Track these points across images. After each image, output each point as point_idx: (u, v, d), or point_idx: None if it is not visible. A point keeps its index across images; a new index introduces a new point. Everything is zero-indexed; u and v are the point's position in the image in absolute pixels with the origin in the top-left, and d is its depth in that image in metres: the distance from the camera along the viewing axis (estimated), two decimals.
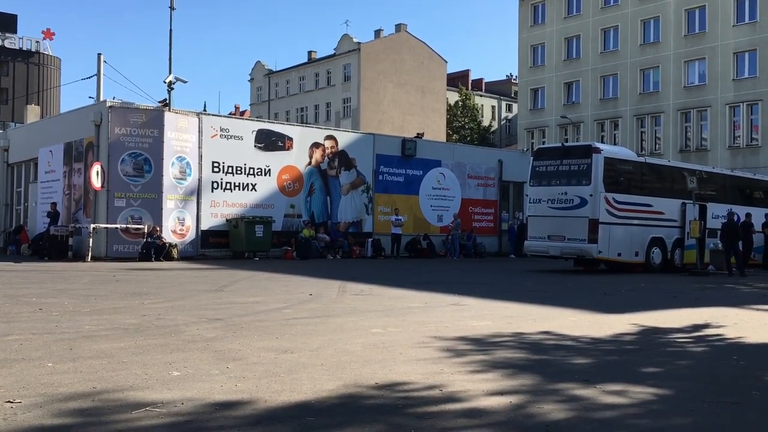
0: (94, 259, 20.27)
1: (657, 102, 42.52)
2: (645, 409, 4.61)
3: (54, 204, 22.82)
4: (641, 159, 21.67)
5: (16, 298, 10.32)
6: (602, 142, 41.05)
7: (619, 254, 19.08)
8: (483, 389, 4.93)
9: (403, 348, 6.54)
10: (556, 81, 47.86)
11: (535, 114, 49.51)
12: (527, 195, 21.44)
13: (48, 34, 65.12)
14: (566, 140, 43.76)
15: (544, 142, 45.38)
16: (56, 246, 21.32)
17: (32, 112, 35.15)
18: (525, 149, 38.71)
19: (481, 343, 6.95)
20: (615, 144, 40.87)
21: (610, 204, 18.77)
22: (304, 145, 24.98)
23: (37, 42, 65.11)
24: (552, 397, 4.80)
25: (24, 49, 64.63)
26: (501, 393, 4.84)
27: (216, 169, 22.76)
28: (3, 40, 63.23)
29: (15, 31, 65.39)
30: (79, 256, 20.76)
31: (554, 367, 5.86)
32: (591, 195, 18.51)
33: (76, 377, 5.02)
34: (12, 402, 4.29)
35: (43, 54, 65.67)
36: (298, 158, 24.74)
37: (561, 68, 47.58)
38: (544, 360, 6.21)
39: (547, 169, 19.70)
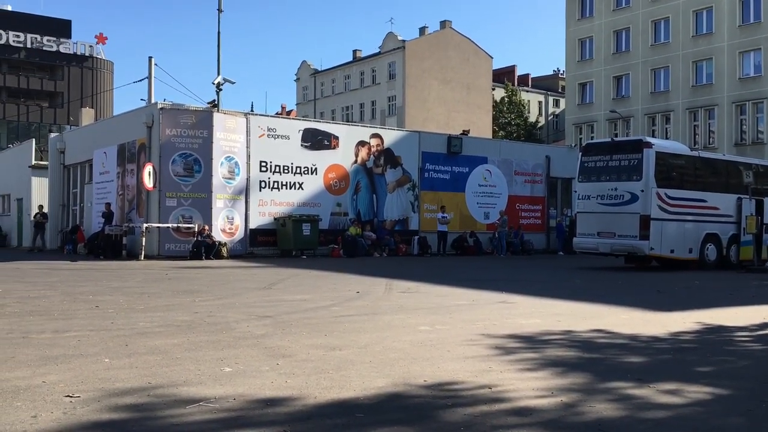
0: (147, 257, 20.75)
1: (710, 95, 41.38)
2: (700, 408, 4.49)
3: (108, 204, 23.43)
4: (694, 153, 21.11)
5: (74, 296, 10.64)
6: (653, 136, 40.21)
7: (672, 251, 18.64)
8: (533, 388, 4.88)
9: (451, 346, 6.51)
10: (605, 75, 47.01)
11: (583, 109, 48.71)
12: (576, 191, 21.12)
13: (101, 39, 66.88)
14: (616, 135, 43.00)
15: (592, 138, 44.60)
16: (111, 245, 21.90)
17: (87, 115, 36.17)
18: (573, 145, 38.12)
19: (531, 341, 6.88)
20: (666, 138, 39.94)
21: (662, 200, 18.35)
22: (350, 144, 25.09)
23: (91, 47, 66.91)
24: (604, 396, 4.72)
25: (78, 53, 66.49)
26: (551, 392, 4.78)
27: (264, 169, 23.05)
28: (58, 46, 65.18)
29: (69, 37, 67.34)
30: (132, 255, 21.29)
31: (606, 366, 5.76)
32: (642, 191, 18.13)
33: (132, 373, 5.15)
34: (71, 396, 4.42)
35: (97, 58, 67.45)
36: (344, 157, 24.88)
37: (610, 62, 46.71)
38: (595, 358, 6.11)
39: (596, 164, 19.37)
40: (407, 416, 4.16)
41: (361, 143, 25.38)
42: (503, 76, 71.78)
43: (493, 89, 67.94)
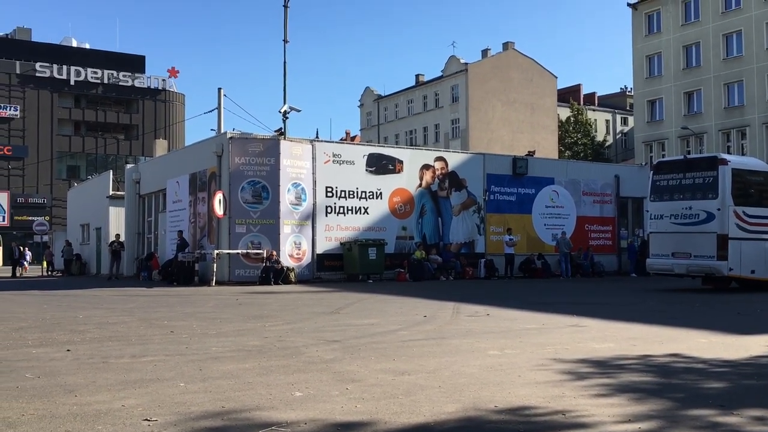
0: (218, 283, 21.22)
1: None
2: None
3: (180, 232, 24.14)
4: None
5: (150, 321, 10.97)
6: (728, 152, 38.79)
7: (753, 271, 17.83)
8: (609, 414, 4.73)
9: (522, 370, 6.39)
10: (674, 91, 45.82)
11: (653, 126, 47.53)
12: (648, 211, 20.52)
13: (173, 73, 69.52)
14: (688, 152, 41.74)
15: (663, 155, 43.40)
16: (184, 271, 22.51)
17: (160, 146, 37.48)
18: (643, 163, 37.17)
19: (605, 366, 6.68)
20: (743, 154, 38.51)
21: (740, 218, 17.63)
22: (414, 168, 25.17)
23: (164, 80, 69.60)
24: (686, 423, 4.52)
25: (152, 87, 69.24)
26: (629, 419, 4.62)
27: (329, 194, 23.34)
28: (133, 80, 68.06)
29: (143, 71, 70.27)
30: (204, 281, 21.81)
31: (686, 392, 5.54)
32: (719, 209, 17.47)
33: (206, 397, 5.26)
34: (149, 420, 4.54)
35: (169, 91, 70.07)
36: (408, 181, 24.96)
37: (680, 77, 45.53)
38: (673, 384, 5.88)
39: (668, 183, 18.81)
40: None
41: (426, 167, 25.42)
42: (568, 95, 70.83)
43: (558, 109, 67.09)
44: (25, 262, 35.36)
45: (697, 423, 4.53)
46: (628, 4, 49.11)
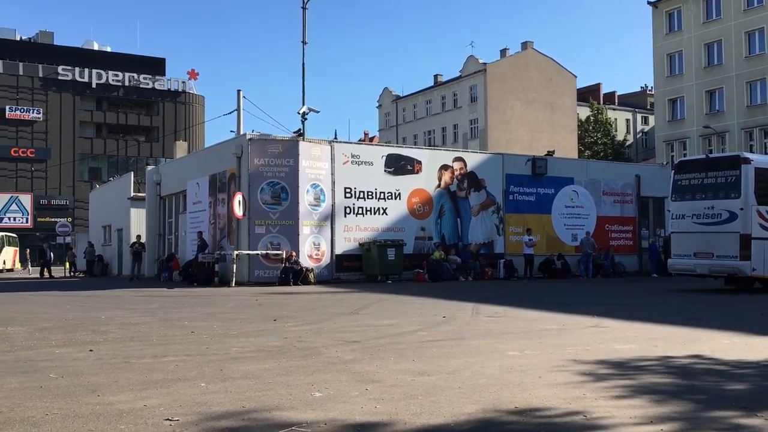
0: (238, 284, 21.35)
1: None
2: None
3: (200, 233, 24.31)
4: None
5: (171, 322, 11.07)
6: (751, 151, 38.31)
7: None
8: (630, 416, 4.70)
9: (542, 371, 6.36)
10: (696, 89, 45.34)
11: (674, 125, 47.07)
12: (669, 210, 20.34)
13: (193, 75, 70.04)
14: (710, 151, 41.27)
15: (685, 155, 42.96)
16: (204, 272, 22.67)
17: (180, 148, 37.79)
18: (664, 163, 36.83)
19: (625, 367, 6.64)
20: (766, 153, 37.99)
21: (764, 217, 17.40)
22: (433, 168, 25.14)
23: (184, 82, 70.12)
24: (709, 425, 4.48)
25: (172, 89, 69.81)
26: (650, 420, 4.59)
27: (348, 195, 23.39)
28: (153, 83, 68.66)
29: (164, 74, 70.86)
30: (224, 282, 21.95)
31: (708, 394, 5.48)
32: (741, 209, 17.26)
33: (227, 397, 5.30)
34: (171, 420, 4.59)
35: (189, 93, 70.60)
36: (427, 181, 24.94)
37: (701, 76, 45.05)
38: (695, 386, 5.82)
39: (690, 182, 18.63)
40: None
41: (444, 167, 25.39)
42: (588, 94, 70.37)
43: (578, 108, 66.66)
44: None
45: (720, 425, 4.49)
46: (649, 2, 48.68)
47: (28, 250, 40.45)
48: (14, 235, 50.53)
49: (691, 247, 18.27)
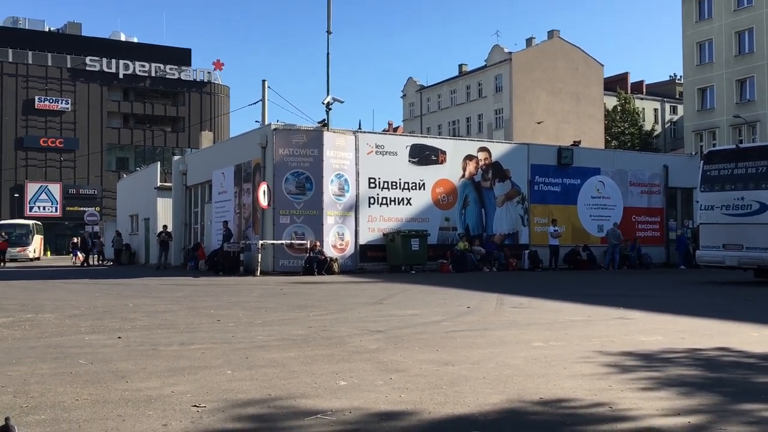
0: (263, 273, 21.50)
1: None
2: None
3: (226, 222, 24.51)
4: None
5: (197, 310, 11.19)
6: None
7: None
8: (656, 408, 4.66)
9: (567, 363, 6.33)
10: (726, 78, 44.56)
11: (704, 115, 46.35)
12: (698, 201, 20.07)
13: (218, 65, 70.43)
14: (741, 141, 40.59)
15: (714, 145, 42.29)
16: (229, 261, 22.87)
17: (206, 138, 38.06)
18: (693, 153, 36.29)
19: (652, 359, 6.58)
20: None
21: None
22: (458, 158, 25.04)
23: (209, 73, 70.57)
24: (737, 418, 4.43)
25: (197, 80, 70.29)
26: (677, 412, 4.55)
27: (372, 185, 23.40)
28: (179, 73, 69.18)
29: (189, 64, 71.37)
30: (249, 271, 22.12)
31: (735, 387, 5.41)
32: None
33: (253, 384, 5.35)
34: (198, 406, 4.65)
35: (214, 83, 71.04)
36: (451, 171, 24.85)
37: (732, 64, 44.25)
38: (723, 378, 5.76)
39: (720, 173, 18.35)
40: None
41: (469, 157, 25.27)
42: (615, 83, 69.49)
43: (605, 98, 65.88)
44: (79, 252, 36.24)
45: (747, 418, 4.44)
46: None
47: (76, 239, 40.87)
48: (40, 223, 51.38)
49: (720, 239, 18.01)
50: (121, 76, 66.78)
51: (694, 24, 46.78)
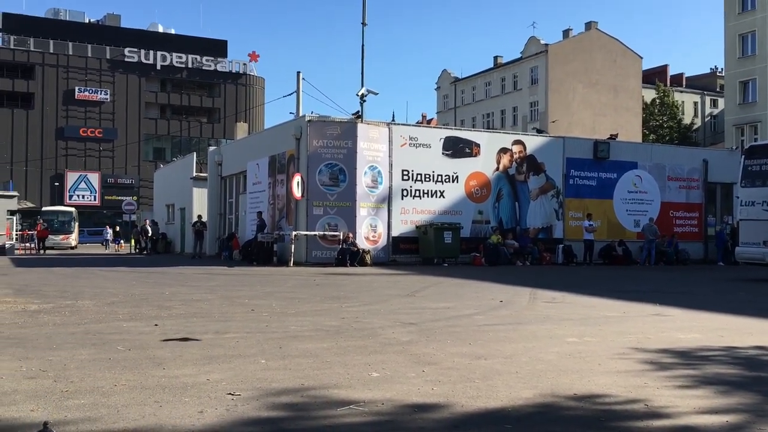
0: (296, 264, 21.66)
1: None
2: None
3: (260, 213, 24.72)
4: None
5: (231, 300, 11.33)
6: None
7: None
8: (693, 406, 4.59)
9: (602, 359, 6.27)
10: None
11: (745, 108, 45.29)
12: (738, 197, 19.65)
13: (253, 57, 70.96)
14: None
15: (756, 139, 41.33)
16: (263, 252, 23.08)
17: (241, 129, 38.43)
18: (734, 147, 35.53)
19: (688, 357, 6.47)
20: None
21: None
22: (492, 151, 24.88)
23: (245, 64, 71.14)
24: None
25: (233, 71, 70.90)
26: (715, 411, 4.47)
27: (405, 177, 23.38)
28: (215, 65, 69.87)
29: (225, 56, 72.00)
30: (282, 261, 22.31)
31: None
32: None
33: (286, 374, 5.40)
34: (233, 394, 4.71)
35: (250, 75, 71.59)
36: (485, 164, 24.70)
37: None
38: (762, 377, 5.64)
39: (761, 168, 17.94)
40: (557, 429, 4.05)
41: (503, 150, 25.09)
42: (654, 76, 68.26)
43: (643, 91, 64.77)
44: (122, 240, 36.74)
45: None
46: None
47: (138, 227, 41.35)
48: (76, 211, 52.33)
49: (761, 236, 17.63)
50: (158, 67, 67.69)
51: (736, 15, 45.69)
